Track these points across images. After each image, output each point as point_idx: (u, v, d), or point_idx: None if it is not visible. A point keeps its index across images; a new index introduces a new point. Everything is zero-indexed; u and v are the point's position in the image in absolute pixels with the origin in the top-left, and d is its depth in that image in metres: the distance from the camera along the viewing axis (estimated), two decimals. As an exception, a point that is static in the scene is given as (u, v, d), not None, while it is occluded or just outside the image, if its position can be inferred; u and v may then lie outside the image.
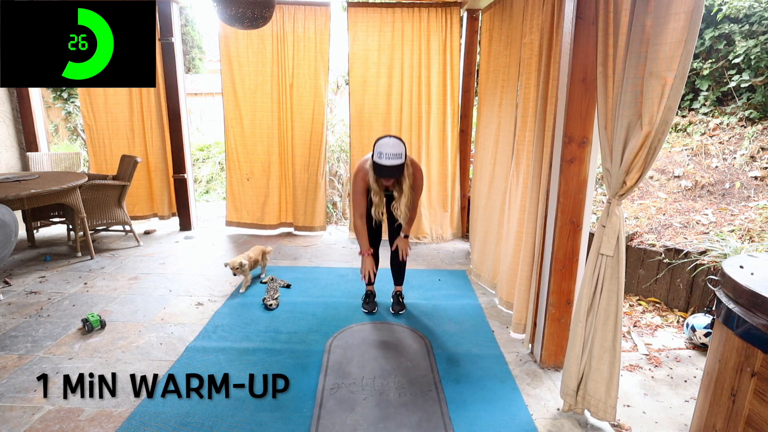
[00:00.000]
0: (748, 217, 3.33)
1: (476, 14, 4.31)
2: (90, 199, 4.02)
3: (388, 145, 2.45)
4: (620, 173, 1.68)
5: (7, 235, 2.88)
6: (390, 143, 2.46)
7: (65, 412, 2.03)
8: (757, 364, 1.33)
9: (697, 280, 2.95)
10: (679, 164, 4.20)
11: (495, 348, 2.63)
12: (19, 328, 2.77)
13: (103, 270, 3.76)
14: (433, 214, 4.72)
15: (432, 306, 3.13)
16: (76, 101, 7.77)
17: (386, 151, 2.43)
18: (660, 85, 1.49)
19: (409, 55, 4.39)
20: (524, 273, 2.64)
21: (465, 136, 4.64)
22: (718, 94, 4.61)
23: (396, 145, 2.46)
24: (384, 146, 2.45)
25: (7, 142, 4.68)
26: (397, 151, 2.45)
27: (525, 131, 2.74)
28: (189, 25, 10.60)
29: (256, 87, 4.56)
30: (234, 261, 3.32)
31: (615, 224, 1.77)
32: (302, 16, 4.38)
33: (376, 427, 1.95)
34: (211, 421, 1.98)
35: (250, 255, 3.45)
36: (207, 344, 2.62)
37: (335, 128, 6.40)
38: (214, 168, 7.48)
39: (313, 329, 2.82)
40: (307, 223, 4.87)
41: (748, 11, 4.42)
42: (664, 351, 2.62)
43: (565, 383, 2.00)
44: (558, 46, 2.27)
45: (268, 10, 3.16)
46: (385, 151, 2.43)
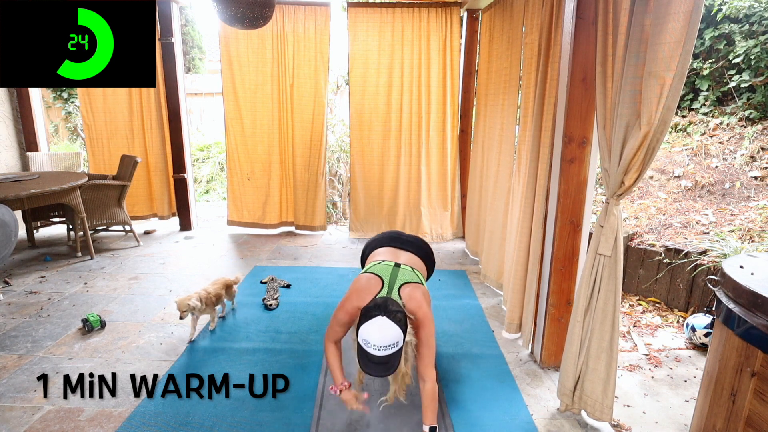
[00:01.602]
0: (748, 217, 3.33)
1: (476, 14, 4.31)
2: (90, 199, 4.02)
3: (379, 330, 1.56)
4: (618, 173, 1.68)
5: (7, 235, 2.88)
6: (381, 328, 1.55)
7: (65, 412, 2.03)
8: (757, 364, 1.33)
9: (697, 280, 2.95)
10: (679, 164, 4.20)
11: (495, 348, 2.63)
12: (19, 328, 2.77)
13: (103, 270, 3.76)
14: (432, 213, 4.72)
15: (432, 306, 3.12)
16: (76, 101, 7.77)
17: (375, 341, 1.55)
18: (659, 84, 1.49)
19: (409, 55, 4.39)
20: (518, 273, 2.64)
21: (465, 136, 4.64)
22: (718, 94, 4.61)
23: (388, 330, 1.56)
24: (371, 333, 1.56)
25: (7, 142, 4.68)
26: (390, 341, 1.55)
27: (526, 131, 2.74)
28: (189, 25, 10.60)
29: (256, 87, 4.56)
30: (182, 301, 2.51)
31: (613, 224, 1.77)
32: (302, 16, 4.39)
33: (376, 427, 1.95)
34: (211, 421, 1.98)
35: (209, 290, 2.72)
36: (207, 344, 2.62)
37: (335, 128, 6.41)
38: (214, 168, 7.48)
39: (313, 329, 2.81)
40: (307, 222, 4.88)
41: (748, 11, 4.42)
42: (664, 351, 2.62)
43: (562, 383, 2.00)
44: (557, 46, 2.28)
45: (268, 10, 3.16)
46: (374, 340, 1.55)
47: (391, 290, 1.84)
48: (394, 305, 1.66)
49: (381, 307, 1.63)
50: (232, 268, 3.86)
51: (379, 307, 1.63)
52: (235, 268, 3.87)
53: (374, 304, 1.68)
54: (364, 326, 1.59)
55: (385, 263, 1.98)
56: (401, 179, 4.66)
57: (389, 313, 1.60)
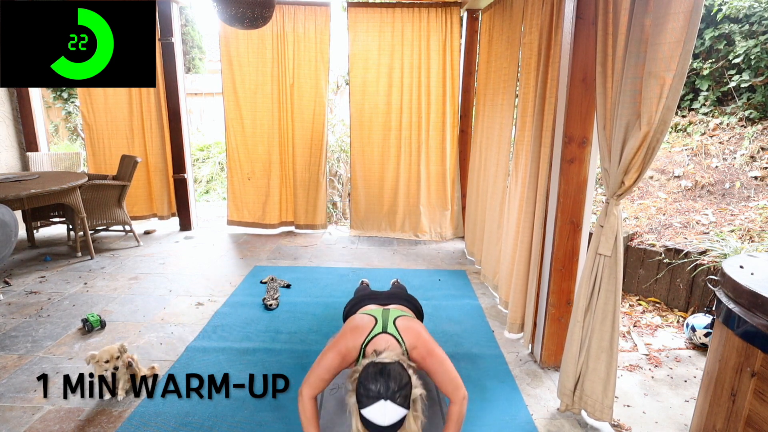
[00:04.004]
0: (748, 217, 3.33)
1: (476, 14, 4.31)
2: (90, 199, 4.02)
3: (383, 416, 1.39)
4: (619, 173, 1.68)
5: (7, 235, 2.88)
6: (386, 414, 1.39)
7: (65, 412, 2.03)
8: (757, 364, 1.33)
9: (697, 280, 2.95)
10: (679, 164, 4.20)
11: (495, 348, 2.63)
12: (19, 328, 2.78)
13: (103, 270, 3.76)
14: (432, 213, 4.73)
15: (432, 306, 3.13)
16: (76, 101, 7.77)
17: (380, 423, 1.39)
18: (659, 85, 1.50)
19: (409, 55, 4.40)
20: (520, 272, 2.64)
21: (465, 135, 4.64)
22: (718, 94, 4.61)
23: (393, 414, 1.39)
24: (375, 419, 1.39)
25: (7, 142, 4.68)
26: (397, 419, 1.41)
27: (524, 131, 2.74)
28: (189, 25, 10.61)
29: (256, 87, 4.56)
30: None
31: (613, 224, 1.77)
32: (302, 17, 4.39)
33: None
34: (211, 421, 1.98)
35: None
36: (207, 344, 2.62)
37: (335, 128, 6.41)
38: (214, 168, 7.49)
39: (313, 329, 2.82)
40: (308, 221, 4.88)
41: (748, 11, 4.42)
42: (664, 351, 2.62)
43: (562, 383, 2.01)
44: (557, 46, 2.28)
45: (268, 10, 3.16)
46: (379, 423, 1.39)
47: (385, 325, 1.71)
48: (394, 376, 1.42)
49: (379, 381, 1.41)
50: (232, 268, 3.86)
51: (377, 381, 1.41)
52: (235, 267, 3.87)
53: (370, 375, 1.43)
54: (366, 411, 1.41)
55: (374, 309, 1.85)
56: (401, 178, 4.66)
57: (392, 396, 1.39)
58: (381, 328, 1.70)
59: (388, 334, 1.68)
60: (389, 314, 1.78)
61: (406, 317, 1.78)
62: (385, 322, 1.73)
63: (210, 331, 2.77)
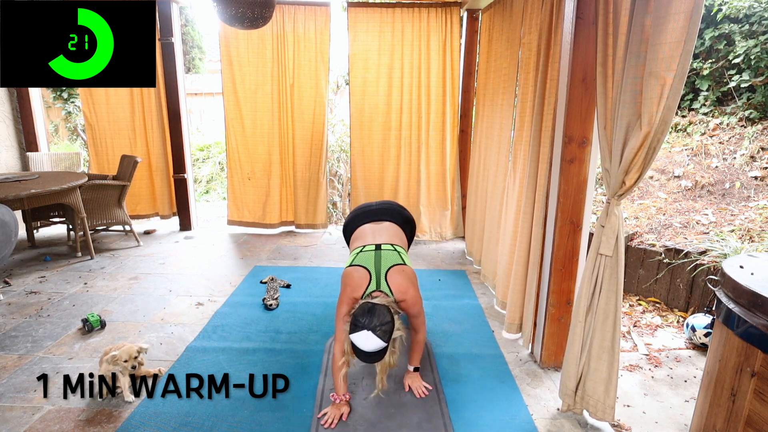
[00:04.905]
0: (748, 217, 3.33)
1: (476, 14, 4.31)
2: (90, 199, 4.02)
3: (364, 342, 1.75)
4: (619, 173, 1.68)
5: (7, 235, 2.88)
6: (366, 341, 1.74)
7: (65, 412, 2.03)
8: (757, 364, 1.33)
9: (697, 280, 2.95)
10: (679, 164, 4.20)
11: (495, 348, 2.63)
12: (19, 328, 2.77)
13: (103, 270, 3.76)
14: (432, 213, 4.73)
15: (432, 306, 3.13)
16: (76, 101, 7.77)
17: (361, 347, 1.77)
18: (659, 85, 1.49)
19: (409, 55, 4.39)
20: (519, 272, 2.64)
21: (465, 136, 4.64)
22: (718, 94, 4.61)
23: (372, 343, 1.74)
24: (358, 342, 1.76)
25: (7, 142, 4.68)
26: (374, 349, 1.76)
27: (523, 131, 2.74)
28: (189, 25, 10.61)
29: (256, 87, 4.56)
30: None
31: (614, 224, 1.77)
32: (302, 17, 4.39)
33: (376, 427, 1.95)
34: (211, 421, 1.98)
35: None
36: (207, 344, 2.62)
37: (335, 128, 6.41)
38: (214, 168, 7.49)
39: (313, 329, 2.82)
40: (309, 221, 4.88)
41: (748, 11, 4.42)
42: (664, 351, 2.62)
43: (564, 383, 2.00)
44: (557, 46, 2.27)
45: (268, 10, 3.16)
46: (360, 347, 1.77)
47: (378, 282, 2.00)
48: (379, 315, 1.78)
49: (367, 316, 1.77)
50: (232, 268, 3.86)
51: (365, 316, 1.77)
52: (235, 267, 3.87)
53: (362, 310, 1.80)
54: (352, 335, 1.78)
55: (367, 249, 2.13)
56: (401, 178, 4.66)
57: (373, 329, 1.74)
58: (375, 286, 1.99)
59: (381, 292, 1.98)
60: (381, 264, 2.05)
61: (396, 268, 2.04)
62: (378, 278, 2.01)
63: (210, 331, 2.77)
